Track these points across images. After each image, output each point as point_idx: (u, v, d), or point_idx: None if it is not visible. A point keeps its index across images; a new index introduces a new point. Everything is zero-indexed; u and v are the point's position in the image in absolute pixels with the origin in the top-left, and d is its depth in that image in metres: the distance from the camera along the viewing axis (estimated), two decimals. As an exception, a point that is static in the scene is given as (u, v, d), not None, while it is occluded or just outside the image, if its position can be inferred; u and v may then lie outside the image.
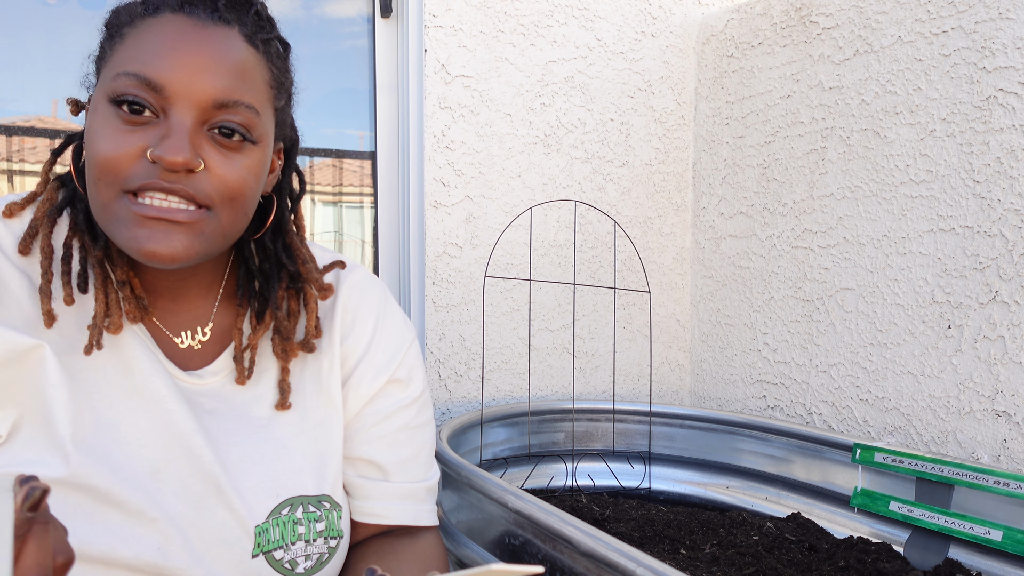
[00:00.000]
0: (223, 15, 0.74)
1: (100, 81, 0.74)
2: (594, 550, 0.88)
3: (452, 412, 1.80)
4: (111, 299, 0.76)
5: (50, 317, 0.73)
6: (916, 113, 1.51)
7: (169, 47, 0.70)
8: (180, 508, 0.74)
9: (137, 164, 0.70)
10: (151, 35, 0.72)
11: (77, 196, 0.79)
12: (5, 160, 1.61)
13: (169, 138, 0.70)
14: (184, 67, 0.70)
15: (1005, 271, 1.37)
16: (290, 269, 0.86)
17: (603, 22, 1.93)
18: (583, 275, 1.95)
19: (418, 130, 1.79)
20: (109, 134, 0.70)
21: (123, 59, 0.72)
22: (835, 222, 1.68)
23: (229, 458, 0.78)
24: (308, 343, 0.85)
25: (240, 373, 0.82)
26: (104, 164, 0.70)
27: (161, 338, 0.82)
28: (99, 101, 0.73)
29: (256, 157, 0.76)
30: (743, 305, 1.92)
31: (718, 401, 2.00)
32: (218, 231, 0.74)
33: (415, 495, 0.89)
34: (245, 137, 0.74)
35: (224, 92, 0.72)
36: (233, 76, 0.73)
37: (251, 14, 0.76)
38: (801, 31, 1.76)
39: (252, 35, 0.76)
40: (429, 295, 1.79)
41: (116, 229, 0.72)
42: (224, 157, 0.73)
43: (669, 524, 1.44)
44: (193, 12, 0.73)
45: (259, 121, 0.75)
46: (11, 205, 0.77)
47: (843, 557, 1.28)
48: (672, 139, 2.05)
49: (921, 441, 1.51)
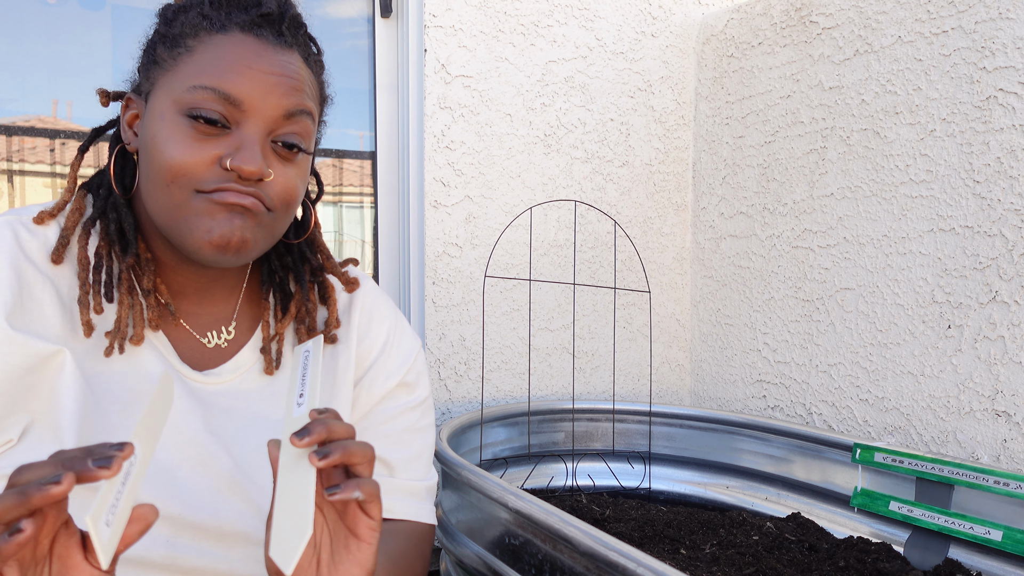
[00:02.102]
0: (286, 39, 0.81)
1: (163, 87, 0.78)
2: (594, 550, 0.88)
3: (452, 412, 1.80)
4: (135, 308, 0.79)
5: (89, 328, 0.76)
6: (916, 113, 1.52)
7: (246, 66, 0.77)
8: (194, 503, 0.76)
9: (211, 169, 0.75)
10: (224, 52, 0.77)
11: (109, 205, 0.82)
12: (5, 160, 1.61)
13: (243, 150, 0.75)
14: (259, 85, 0.77)
15: (1005, 271, 1.37)
16: (313, 263, 0.92)
17: (603, 22, 1.93)
18: (583, 275, 1.95)
19: (418, 130, 1.79)
20: (183, 140, 0.75)
21: (195, 72, 0.76)
22: (835, 222, 1.68)
23: (244, 453, 0.81)
24: (330, 334, 0.90)
25: (268, 363, 0.86)
26: (179, 169, 0.74)
27: (187, 340, 0.85)
28: (167, 109, 0.76)
29: (306, 166, 0.83)
30: (743, 305, 1.92)
31: (718, 401, 2.00)
32: (273, 231, 0.81)
33: (417, 493, 0.92)
34: (301, 148, 0.80)
35: (292, 105, 0.79)
36: (298, 91, 0.80)
37: (303, 35, 0.84)
38: (801, 31, 1.76)
39: (307, 56, 0.83)
40: (429, 295, 1.79)
41: (194, 224, 0.75)
42: (284, 167, 0.79)
43: (669, 524, 1.44)
44: (261, 34, 0.79)
45: (312, 128, 0.83)
46: (43, 213, 0.80)
47: (843, 557, 1.28)
48: (672, 139, 2.05)
49: (921, 441, 1.51)
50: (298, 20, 0.83)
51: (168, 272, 0.83)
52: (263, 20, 0.80)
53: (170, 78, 0.77)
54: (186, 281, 0.84)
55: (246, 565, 0.78)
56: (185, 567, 0.75)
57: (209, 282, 0.85)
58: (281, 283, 0.91)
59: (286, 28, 0.81)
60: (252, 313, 0.90)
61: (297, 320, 0.90)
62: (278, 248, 0.92)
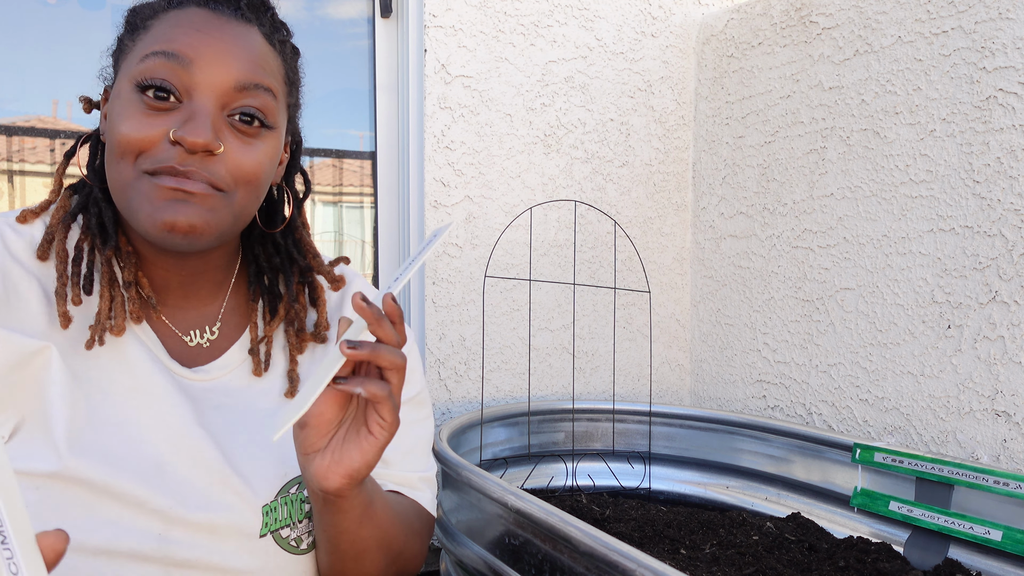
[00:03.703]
0: (244, 14, 0.79)
1: (123, 69, 0.78)
2: (594, 550, 0.89)
3: (452, 412, 1.80)
4: (116, 300, 0.79)
5: (66, 319, 0.76)
6: (916, 113, 1.52)
7: (195, 30, 0.75)
8: (186, 497, 0.76)
9: (160, 145, 0.74)
10: (178, 21, 0.77)
11: (91, 200, 0.82)
12: (5, 160, 1.61)
13: (192, 120, 0.73)
14: (209, 49, 0.75)
15: (1005, 271, 1.37)
16: (300, 264, 0.91)
17: (603, 22, 1.93)
18: (583, 275, 1.95)
19: (418, 130, 1.79)
20: (133, 115, 0.74)
21: (149, 43, 0.76)
22: (835, 222, 1.68)
23: (235, 447, 0.81)
24: (320, 334, 0.90)
25: (256, 365, 0.86)
26: (127, 144, 0.74)
27: (169, 336, 0.84)
28: (122, 87, 0.76)
29: (272, 143, 0.80)
30: (743, 305, 1.92)
31: (718, 401, 2.00)
32: (231, 212, 0.78)
33: (411, 483, 0.93)
34: (263, 122, 0.78)
35: (246, 75, 0.76)
36: (253, 63, 0.78)
37: (268, 16, 0.82)
38: (801, 31, 1.76)
39: (270, 35, 0.82)
40: (429, 295, 1.79)
41: (137, 206, 0.74)
42: (242, 143, 0.77)
43: (669, 524, 1.44)
44: (217, 8, 0.78)
45: (276, 106, 0.80)
46: (26, 212, 0.81)
47: (843, 557, 1.28)
48: (672, 139, 2.05)
49: (921, 441, 1.51)
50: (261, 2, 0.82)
51: (149, 266, 0.83)
52: None
53: (129, 59, 0.77)
54: (168, 275, 0.84)
55: (238, 557, 0.78)
56: (177, 560, 0.75)
57: (191, 276, 0.85)
58: (270, 284, 0.91)
59: (245, 5, 0.80)
60: (239, 312, 0.90)
61: (286, 322, 0.89)
62: (266, 248, 0.91)
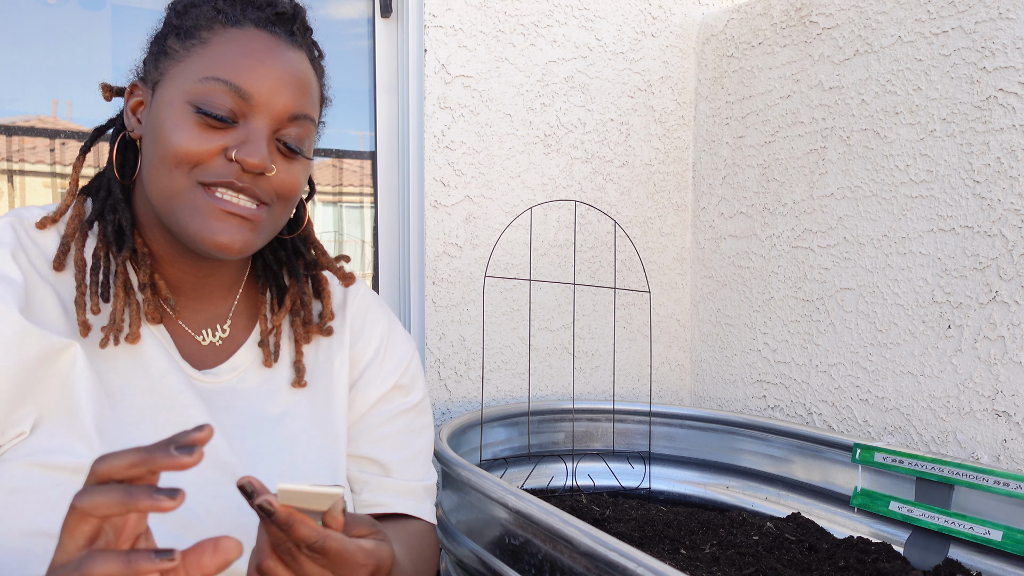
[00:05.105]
0: (297, 38, 0.83)
1: (172, 77, 0.79)
2: (594, 550, 0.89)
3: (452, 412, 1.80)
4: (132, 306, 0.80)
5: (86, 327, 0.77)
6: (916, 113, 1.52)
7: (258, 60, 0.79)
8: (198, 497, 0.77)
9: (216, 160, 0.77)
10: (239, 45, 0.79)
11: (107, 206, 0.83)
12: (5, 160, 1.61)
13: (249, 143, 0.77)
14: (269, 81, 0.79)
15: (1005, 271, 1.37)
16: (306, 258, 0.94)
17: (603, 22, 1.93)
18: (583, 275, 1.95)
19: (418, 130, 1.79)
20: (189, 128, 0.77)
21: (209, 63, 0.78)
22: (835, 222, 1.68)
23: (244, 450, 0.82)
24: (325, 325, 0.92)
25: (267, 356, 0.88)
26: (183, 156, 0.76)
27: (182, 336, 0.86)
28: (174, 97, 0.78)
29: (307, 163, 0.85)
30: (743, 305, 1.92)
31: (718, 401, 2.00)
32: (270, 226, 0.83)
33: (413, 492, 0.94)
34: (302, 153, 0.83)
35: (297, 107, 0.81)
36: (304, 93, 0.82)
37: (310, 37, 0.87)
38: (801, 31, 1.76)
39: (314, 59, 0.86)
40: (429, 295, 1.79)
41: (188, 216, 0.77)
42: (286, 163, 0.82)
43: (669, 524, 1.44)
44: (275, 32, 0.82)
45: (314, 131, 0.86)
46: (45, 219, 0.81)
47: (843, 557, 1.28)
48: (672, 139, 2.05)
49: (921, 441, 1.51)
50: (307, 24, 0.86)
51: (165, 266, 0.84)
52: (277, 18, 0.82)
53: (182, 68, 0.79)
54: (183, 276, 0.85)
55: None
56: None
57: (206, 277, 0.86)
58: (276, 278, 0.93)
59: (297, 28, 0.83)
60: (248, 312, 0.92)
61: (292, 313, 0.91)
62: (272, 244, 0.93)
